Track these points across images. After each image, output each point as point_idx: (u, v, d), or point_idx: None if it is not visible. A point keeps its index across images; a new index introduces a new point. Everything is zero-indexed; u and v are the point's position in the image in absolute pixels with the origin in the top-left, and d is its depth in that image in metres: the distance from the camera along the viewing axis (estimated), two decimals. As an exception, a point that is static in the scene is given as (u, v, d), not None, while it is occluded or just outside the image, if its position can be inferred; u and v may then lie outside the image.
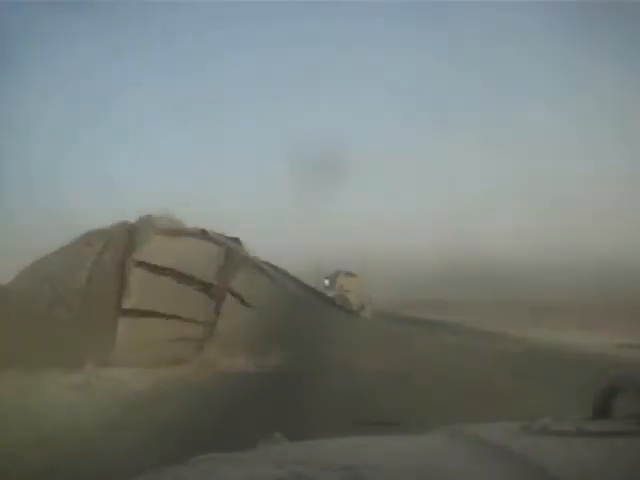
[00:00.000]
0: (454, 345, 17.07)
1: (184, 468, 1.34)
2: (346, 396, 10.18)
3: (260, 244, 23.16)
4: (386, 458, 1.35)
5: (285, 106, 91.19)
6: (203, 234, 19.24)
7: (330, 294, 25.62)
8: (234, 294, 17.68)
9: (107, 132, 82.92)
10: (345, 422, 7.80)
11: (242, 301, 17.59)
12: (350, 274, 31.56)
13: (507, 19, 73.33)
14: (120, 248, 18.48)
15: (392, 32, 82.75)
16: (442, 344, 17.06)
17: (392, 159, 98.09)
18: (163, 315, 16.66)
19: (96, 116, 78.21)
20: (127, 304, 16.97)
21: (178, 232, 18.94)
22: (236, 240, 20.14)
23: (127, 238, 18.82)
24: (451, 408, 8.29)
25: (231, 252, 18.83)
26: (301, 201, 71.39)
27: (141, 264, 17.70)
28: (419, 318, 30.68)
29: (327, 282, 30.59)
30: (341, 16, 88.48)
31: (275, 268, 20.88)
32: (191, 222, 19.70)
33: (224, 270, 18.14)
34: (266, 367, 14.10)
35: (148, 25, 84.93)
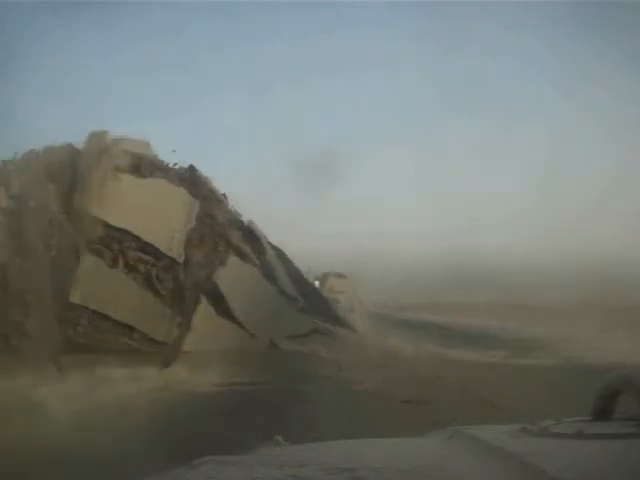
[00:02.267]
0: (452, 354, 16.39)
1: (186, 470, 1.34)
2: (334, 418, 9.02)
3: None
4: (385, 460, 1.35)
5: (285, 106, 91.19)
6: (191, 171, 13.90)
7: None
8: (215, 294, 13.86)
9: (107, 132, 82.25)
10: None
11: (222, 300, 13.88)
12: (340, 275, 31.26)
13: (530, 15, 72.71)
14: (55, 190, 11.68)
15: (393, 31, 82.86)
16: (438, 353, 16.40)
17: (391, 159, 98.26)
18: (117, 322, 12.48)
19: (96, 116, 77.50)
20: (74, 297, 11.89)
21: (146, 169, 12.75)
22: (223, 196, 15.02)
23: (70, 174, 11.90)
24: (451, 416, 8.17)
25: (214, 214, 14.00)
26: (299, 201, 71.14)
27: (93, 221, 11.70)
28: (414, 321, 30.52)
29: (317, 283, 30.42)
30: (341, 16, 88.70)
31: (275, 248, 16.58)
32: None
33: (199, 247, 13.62)
34: (241, 386, 11.37)
35: (148, 25, 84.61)
